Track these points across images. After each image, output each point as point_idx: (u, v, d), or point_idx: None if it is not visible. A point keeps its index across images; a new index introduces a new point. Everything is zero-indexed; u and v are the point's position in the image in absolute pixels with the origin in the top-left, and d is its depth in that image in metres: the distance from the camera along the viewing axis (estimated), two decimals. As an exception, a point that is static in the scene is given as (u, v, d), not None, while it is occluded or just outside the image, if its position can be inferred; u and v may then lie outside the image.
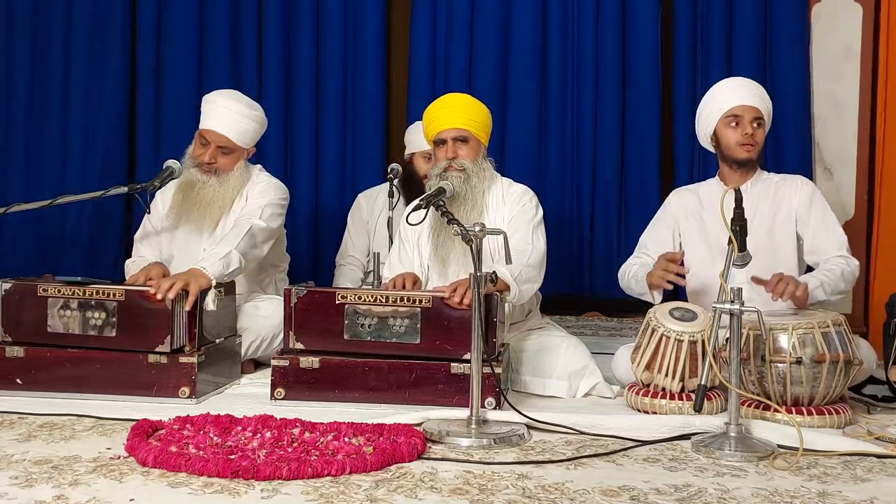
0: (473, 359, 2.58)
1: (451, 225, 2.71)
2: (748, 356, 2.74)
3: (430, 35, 5.06)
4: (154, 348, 2.93)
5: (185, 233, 3.54)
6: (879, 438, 2.53)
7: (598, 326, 4.88)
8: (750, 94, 3.25)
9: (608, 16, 4.94)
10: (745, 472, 2.25)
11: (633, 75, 4.96)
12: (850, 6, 4.55)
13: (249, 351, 3.41)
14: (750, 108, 3.22)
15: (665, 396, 2.86)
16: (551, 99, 5.00)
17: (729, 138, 3.24)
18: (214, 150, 3.46)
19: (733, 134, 3.22)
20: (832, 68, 4.59)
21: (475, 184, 3.24)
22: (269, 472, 2.10)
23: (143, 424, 2.46)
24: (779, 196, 3.25)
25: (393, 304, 2.90)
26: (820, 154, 4.61)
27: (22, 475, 2.12)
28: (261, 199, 3.51)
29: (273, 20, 5.15)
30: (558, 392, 3.12)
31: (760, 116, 3.23)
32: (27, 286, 3.03)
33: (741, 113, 3.22)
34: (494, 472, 2.22)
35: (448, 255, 3.25)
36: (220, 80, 4.98)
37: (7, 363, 2.97)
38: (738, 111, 3.22)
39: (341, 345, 2.92)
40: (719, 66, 4.78)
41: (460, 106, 3.31)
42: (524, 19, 4.98)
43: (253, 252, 3.38)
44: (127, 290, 3.00)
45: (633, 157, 4.99)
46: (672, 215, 3.40)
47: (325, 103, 5.16)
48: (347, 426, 2.49)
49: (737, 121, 3.22)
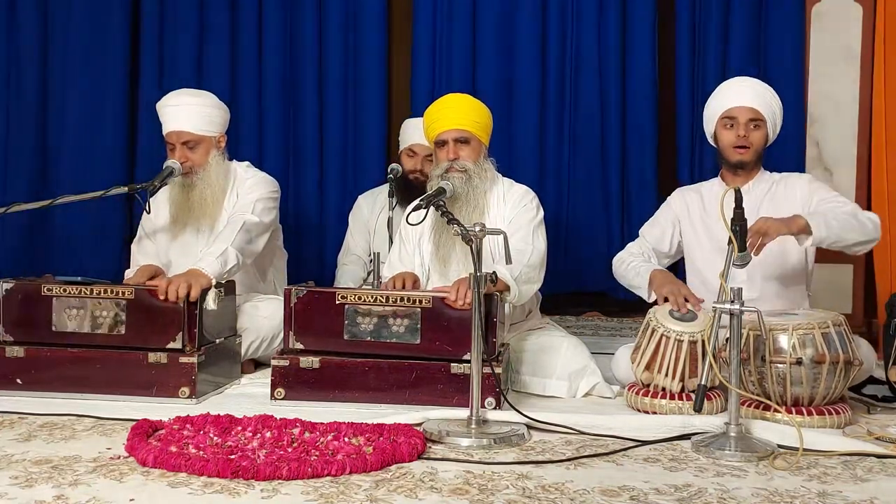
0: (473, 359, 2.58)
1: (452, 225, 2.71)
2: (748, 356, 2.74)
3: (431, 35, 5.05)
4: (165, 345, 2.94)
5: (182, 237, 3.55)
6: (879, 438, 2.53)
7: (598, 326, 4.88)
8: (748, 95, 3.20)
9: (608, 16, 4.93)
10: (745, 472, 2.25)
11: (632, 75, 4.95)
12: (850, 6, 4.54)
13: (249, 351, 3.42)
14: (746, 108, 3.18)
15: (665, 396, 2.86)
16: (551, 99, 5.00)
17: (724, 139, 3.22)
18: (181, 148, 3.47)
19: (728, 135, 3.20)
20: (832, 68, 4.59)
21: (476, 184, 3.24)
22: (269, 472, 2.10)
23: (143, 424, 2.46)
24: (780, 195, 3.23)
25: (393, 305, 2.90)
26: (820, 154, 4.60)
27: (22, 475, 2.12)
28: (252, 195, 3.52)
29: (273, 20, 5.15)
30: (558, 392, 3.12)
31: (758, 118, 3.18)
32: (28, 286, 3.03)
33: (736, 114, 3.19)
34: (494, 472, 2.22)
35: (449, 255, 3.25)
36: (220, 80, 4.99)
37: (7, 363, 2.98)
38: (733, 112, 3.19)
39: (341, 345, 2.92)
40: (718, 66, 4.78)
41: (461, 107, 3.30)
42: (525, 19, 4.98)
43: (249, 247, 3.39)
44: (137, 288, 3.01)
45: (633, 157, 4.98)
46: (674, 213, 3.39)
47: (327, 103, 5.15)
48: (347, 426, 2.49)
49: (732, 122, 3.20)
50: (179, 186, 3.51)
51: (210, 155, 3.51)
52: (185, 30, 5.13)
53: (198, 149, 3.49)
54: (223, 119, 3.61)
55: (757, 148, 3.21)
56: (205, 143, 3.51)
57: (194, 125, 3.48)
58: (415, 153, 4.12)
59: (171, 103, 3.52)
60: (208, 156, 3.51)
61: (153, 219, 3.57)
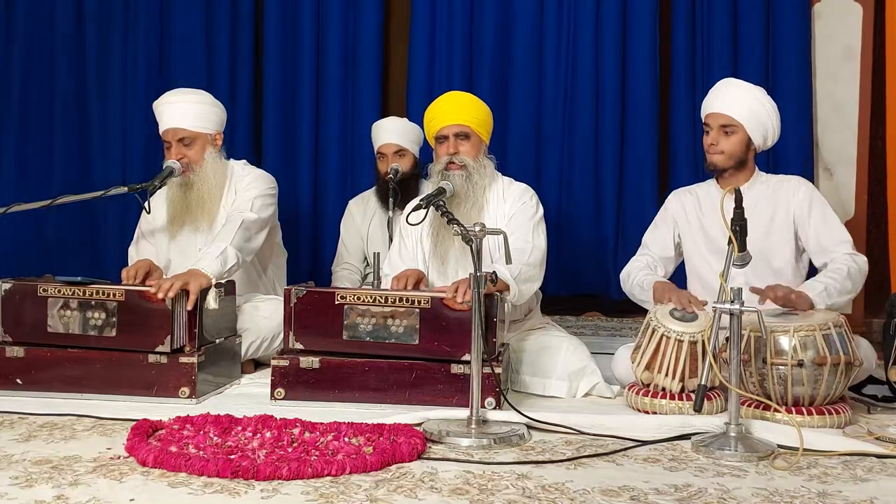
0: (473, 359, 2.58)
1: (451, 225, 2.71)
2: (749, 358, 2.74)
3: (429, 35, 5.05)
4: (154, 348, 2.93)
5: (181, 236, 3.55)
6: (879, 438, 2.53)
7: (598, 326, 4.88)
8: (722, 102, 3.20)
9: (608, 16, 4.92)
10: (745, 472, 2.25)
11: (631, 75, 4.93)
12: (850, 6, 4.55)
13: (249, 351, 3.41)
14: (718, 115, 3.20)
15: (665, 396, 2.86)
16: (548, 98, 5.00)
17: (704, 143, 3.26)
18: (177, 145, 3.48)
19: (705, 140, 3.24)
20: (832, 68, 4.59)
21: (476, 181, 3.25)
22: (269, 472, 2.10)
23: (143, 424, 2.46)
24: (776, 198, 3.24)
25: (392, 305, 2.90)
26: (820, 154, 4.60)
27: (22, 475, 2.12)
28: (250, 192, 3.52)
29: (272, 22, 5.15)
30: (558, 392, 3.12)
31: (731, 124, 3.17)
32: (27, 286, 3.03)
33: (710, 121, 3.22)
34: (494, 472, 2.22)
35: (447, 255, 3.26)
36: (220, 81, 4.99)
37: (7, 363, 2.98)
38: (708, 119, 3.23)
39: (341, 345, 2.92)
40: (719, 66, 4.75)
41: (462, 103, 3.32)
42: (524, 19, 4.98)
43: (248, 245, 3.40)
44: (127, 290, 3.00)
45: (631, 157, 4.98)
46: (671, 216, 3.41)
47: (325, 102, 5.15)
48: (347, 426, 2.49)
49: (707, 128, 3.24)
50: (177, 185, 3.51)
51: (206, 152, 3.52)
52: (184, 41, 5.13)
53: (193, 146, 3.49)
54: (219, 117, 3.61)
55: (731, 153, 3.19)
56: (200, 140, 3.51)
57: (189, 122, 3.49)
58: (383, 155, 4.15)
59: (167, 101, 3.53)
60: (204, 153, 3.51)
61: (152, 219, 3.57)
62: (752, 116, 3.19)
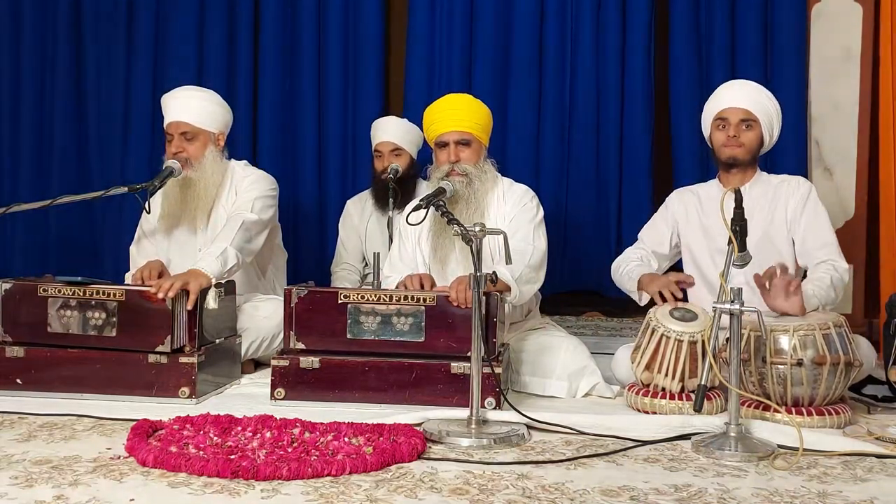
0: (473, 359, 2.58)
1: (452, 225, 2.71)
2: (749, 357, 2.74)
3: (429, 34, 5.05)
4: (154, 348, 2.93)
5: (180, 236, 3.55)
6: (879, 438, 2.54)
7: (598, 326, 4.89)
8: (740, 96, 3.22)
9: (607, 16, 4.93)
10: (745, 472, 2.26)
11: (631, 74, 4.94)
12: (850, 6, 4.54)
13: (249, 351, 3.42)
14: (737, 109, 3.20)
15: (665, 396, 2.86)
16: (548, 98, 5.00)
17: (717, 140, 3.24)
18: (179, 139, 3.49)
19: (720, 136, 3.23)
20: (832, 68, 4.58)
21: (477, 187, 3.25)
22: (269, 473, 2.10)
23: (143, 424, 2.46)
24: (776, 198, 3.24)
25: (396, 303, 2.90)
26: (820, 154, 4.60)
27: (22, 475, 2.12)
28: (250, 193, 3.52)
29: (272, 22, 5.15)
30: (558, 392, 3.12)
31: (750, 118, 3.19)
32: (27, 286, 3.03)
33: (728, 115, 3.21)
34: (494, 472, 2.22)
35: (447, 256, 3.25)
36: (219, 81, 4.98)
37: (7, 363, 2.98)
38: (725, 113, 3.22)
39: (344, 344, 2.92)
40: (720, 67, 4.76)
41: (462, 108, 3.30)
42: (523, 20, 4.98)
43: (248, 246, 3.40)
44: (127, 290, 3.00)
45: (631, 158, 4.98)
46: (672, 214, 3.41)
47: (326, 103, 5.15)
48: (347, 426, 2.49)
49: (724, 123, 3.22)
50: (176, 183, 3.50)
51: (207, 150, 3.52)
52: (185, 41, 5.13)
53: (195, 141, 3.50)
54: (225, 118, 3.61)
55: (749, 147, 3.21)
56: (203, 136, 3.51)
57: (194, 117, 3.50)
58: (380, 153, 4.16)
59: (175, 95, 3.57)
60: (205, 150, 3.51)
61: (152, 219, 3.57)
62: (765, 113, 3.22)
